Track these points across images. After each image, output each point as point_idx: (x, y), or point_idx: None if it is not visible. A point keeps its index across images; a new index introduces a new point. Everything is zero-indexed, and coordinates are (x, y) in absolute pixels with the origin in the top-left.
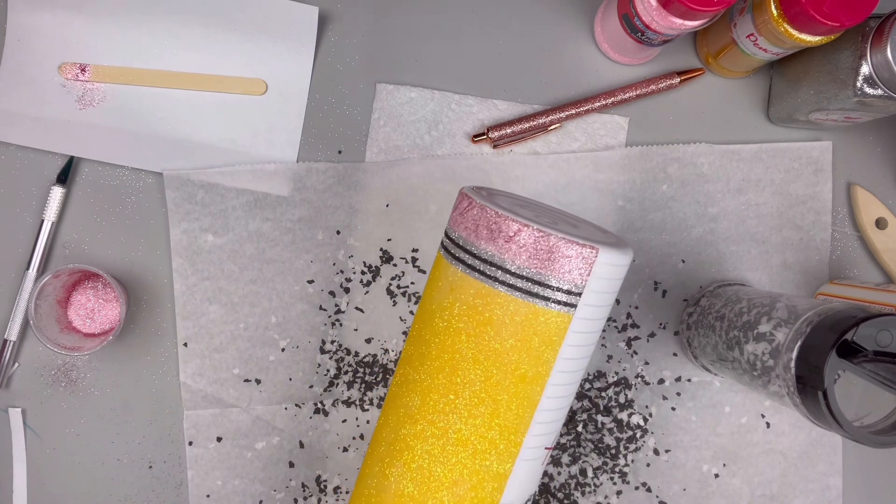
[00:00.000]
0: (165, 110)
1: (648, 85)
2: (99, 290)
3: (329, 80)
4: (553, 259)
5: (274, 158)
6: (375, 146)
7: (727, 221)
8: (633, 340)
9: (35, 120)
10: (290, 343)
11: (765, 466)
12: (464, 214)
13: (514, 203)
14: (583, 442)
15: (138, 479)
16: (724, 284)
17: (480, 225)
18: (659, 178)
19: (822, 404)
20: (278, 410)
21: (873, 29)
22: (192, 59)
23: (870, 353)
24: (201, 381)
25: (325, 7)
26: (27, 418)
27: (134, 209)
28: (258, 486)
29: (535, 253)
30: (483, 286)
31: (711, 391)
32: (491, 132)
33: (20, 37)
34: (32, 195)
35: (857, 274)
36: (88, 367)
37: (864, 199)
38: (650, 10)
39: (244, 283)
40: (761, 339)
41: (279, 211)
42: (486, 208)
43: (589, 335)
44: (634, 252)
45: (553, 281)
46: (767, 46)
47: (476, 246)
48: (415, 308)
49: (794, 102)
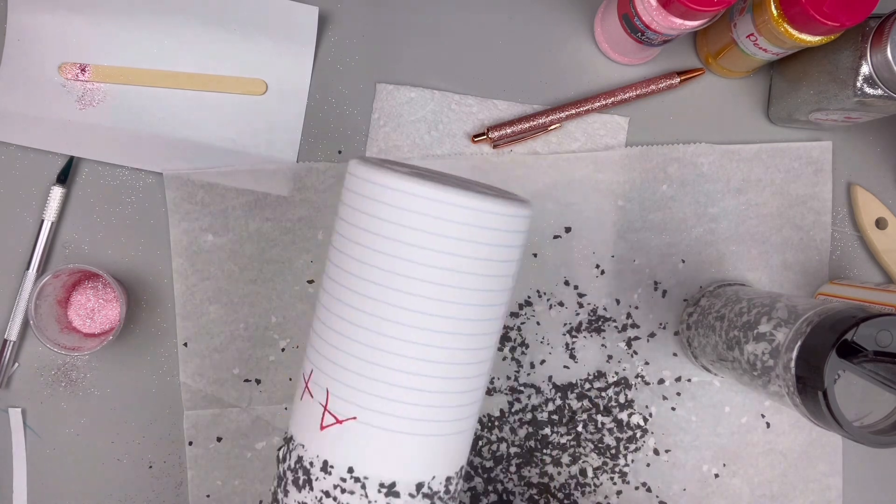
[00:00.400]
0: (165, 110)
1: (648, 85)
2: (99, 290)
3: (329, 80)
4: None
5: (274, 158)
6: (375, 146)
7: (727, 221)
8: (633, 340)
9: (35, 120)
10: (290, 343)
11: (765, 466)
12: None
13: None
14: (583, 442)
15: (138, 479)
16: (724, 284)
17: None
18: (659, 178)
19: (822, 404)
20: (278, 410)
21: (873, 29)
22: (192, 60)
23: (870, 353)
24: (201, 381)
25: (325, 7)
26: (27, 418)
27: (134, 209)
28: (258, 486)
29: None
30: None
31: (711, 391)
32: (491, 132)
33: (20, 37)
34: (32, 195)
35: (857, 274)
36: (88, 367)
37: (864, 199)
38: (650, 10)
39: (244, 283)
40: (761, 339)
41: (279, 211)
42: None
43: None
44: (634, 252)
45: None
46: (767, 46)
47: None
48: None
49: (794, 102)
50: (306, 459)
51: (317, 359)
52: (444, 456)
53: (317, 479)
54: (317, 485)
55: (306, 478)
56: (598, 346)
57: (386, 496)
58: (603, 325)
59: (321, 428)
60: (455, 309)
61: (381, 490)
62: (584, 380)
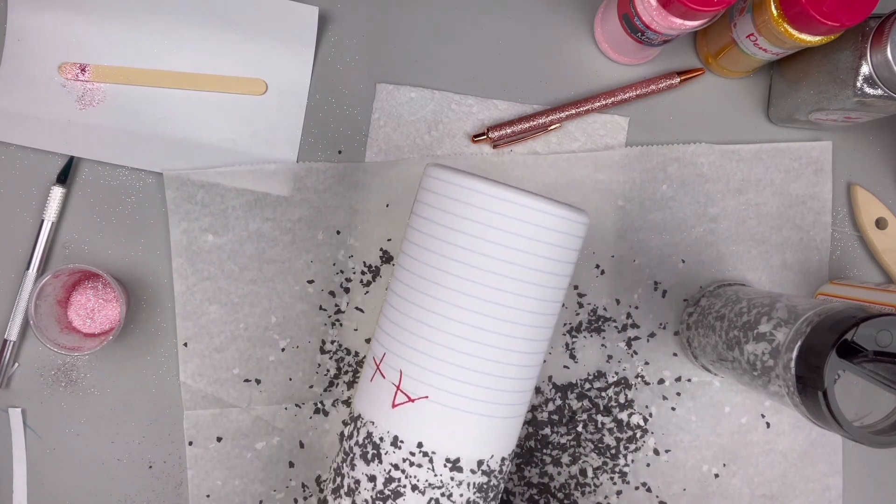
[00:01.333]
0: (165, 110)
1: (648, 85)
2: (99, 290)
3: (329, 80)
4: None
5: (274, 158)
6: (375, 146)
7: (727, 221)
8: (633, 340)
9: (35, 120)
10: (290, 343)
11: (765, 466)
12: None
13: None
14: (583, 442)
15: (138, 479)
16: (724, 284)
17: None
18: (659, 178)
19: (822, 404)
20: (278, 410)
21: (873, 29)
22: (191, 59)
23: (870, 353)
24: (201, 381)
25: (325, 7)
26: (27, 418)
27: (134, 209)
28: (258, 486)
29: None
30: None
31: (711, 391)
32: (491, 132)
33: (20, 37)
34: (32, 195)
35: (857, 274)
36: (88, 367)
37: (864, 199)
38: (650, 10)
39: (244, 283)
40: (761, 339)
41: (279, 211)
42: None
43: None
44: (634, 252)
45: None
46: (767, 46)
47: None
48: None
49: (794, 102)
50: (376, 435)
51: (389, 342)
52: (501, 438)
53: (386, 452)
54: (386, 458)
55: (375, 452)
56: (598, 346)
57: (451, 470)
58: (603, 325)
59: (393, 406)
60: (521, 301)
61: (446, 465)
62: (584, 380)
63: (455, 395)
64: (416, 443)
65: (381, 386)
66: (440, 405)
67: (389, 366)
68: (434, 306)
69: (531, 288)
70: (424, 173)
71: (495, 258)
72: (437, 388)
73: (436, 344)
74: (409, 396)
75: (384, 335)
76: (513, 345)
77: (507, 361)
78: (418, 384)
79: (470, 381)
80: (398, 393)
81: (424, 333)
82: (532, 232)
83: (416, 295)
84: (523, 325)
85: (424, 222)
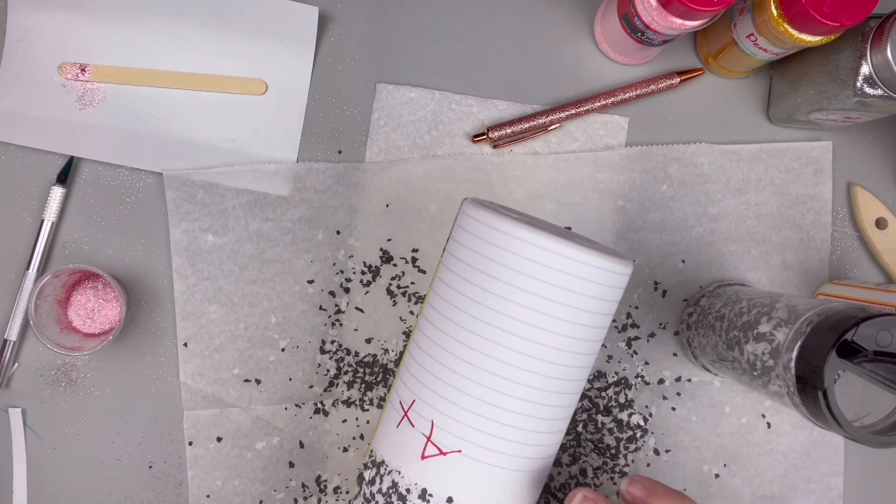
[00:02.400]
0: (165, 110)
1: (648, 85)
2: (99, 290)
3: (329, 80)
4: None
5: (274, 158)
6: (375, 146)
7: (727, 221)
8: (633, 340)
9: (35, 120)
10: (290, 343)
11: (765, 467)
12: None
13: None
14: (583, 442)
15: (138, 479)
16: (724, 284)
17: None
18: (659, 178)
19: (822, 404)
20: (278, 410)
21: (873, 29)
22: (192, 59)
23: (870, 353)
24: (201, 381)
25: (325, 7)
26: (27, 418)
27: (134, 209)
28: (258, 486)
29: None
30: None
31: (711, 391)
32: (491, 132)
33: (20, 37)
34: (32, 195)
35: (857, 274)
36: (88, 367)
37: (864, 199)
38: (650, 10)
39: (244, 283)
40: (761, 339)
41: (279, 211)
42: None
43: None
44: (634, 252)
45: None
46: (767, 46)
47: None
48: (415, 308)
49: (794, 102)
50: (402, 486)
51: (420, 390)
52: (529, 492)
53: None
54: None
55: (401, 503)
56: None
57: None
58: None
59: (422, 457)
60: (561, 356)
61: None
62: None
63: (490, 450)
64: (445, 497)
65: (410, 435)
66: (473, 460)
67: (419, 414)
68: (470, 356)
69: (571, 342)
70: (461, 210)
71: (536, 311)
72: (471, 443)
73: (470, 396)
74: (440, 450)
75: (413, 380)
76: (549, 399)
77: (542, 416)
78: (451, 437)
79: (506, 437)
80: (428, 444)
81: (458, 384)
82: (575, 285)
83: (449, 342)
84: (561, 379)
85: (459, 264)
